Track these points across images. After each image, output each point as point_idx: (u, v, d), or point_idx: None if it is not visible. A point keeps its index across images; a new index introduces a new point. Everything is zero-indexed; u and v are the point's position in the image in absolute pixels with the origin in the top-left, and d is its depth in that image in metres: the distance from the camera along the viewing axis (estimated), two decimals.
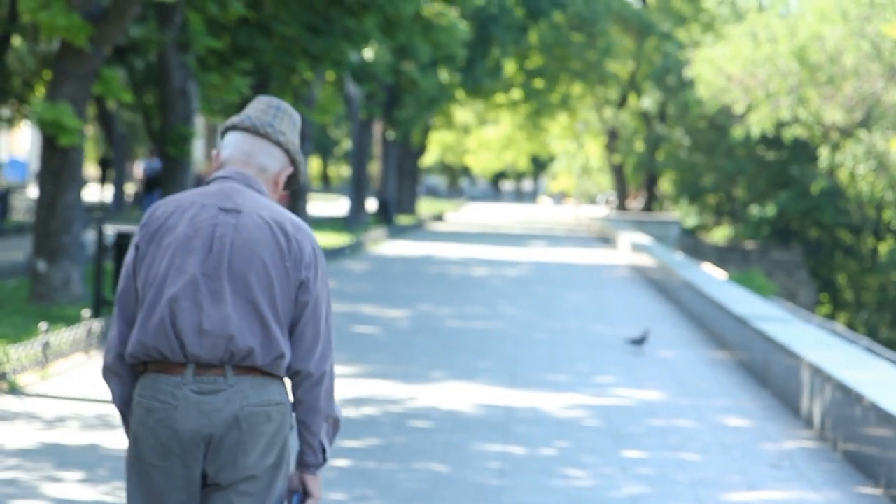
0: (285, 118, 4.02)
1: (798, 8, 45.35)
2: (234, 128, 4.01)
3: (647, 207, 65.36)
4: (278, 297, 3.83)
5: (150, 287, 3.84)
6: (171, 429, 3.78)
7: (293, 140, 4.03)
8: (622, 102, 66.55)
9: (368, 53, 35.28)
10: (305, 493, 3.95)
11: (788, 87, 40.64)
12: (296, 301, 3.86)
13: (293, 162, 4.04)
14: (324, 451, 3.94)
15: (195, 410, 3.78)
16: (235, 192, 3.90)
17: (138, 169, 26.43)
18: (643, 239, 35.30)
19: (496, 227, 53.20)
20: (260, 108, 4.01)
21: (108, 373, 3.95)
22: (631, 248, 32.28)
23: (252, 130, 3.98)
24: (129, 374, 3.93)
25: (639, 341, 14.88)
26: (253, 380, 3.81)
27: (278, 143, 3.99)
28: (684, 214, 60.75)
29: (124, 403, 3.95)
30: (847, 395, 9.32)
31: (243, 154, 3.98)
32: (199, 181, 29.15)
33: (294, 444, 4.06)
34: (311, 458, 3.94)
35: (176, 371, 3.80)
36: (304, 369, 3.87)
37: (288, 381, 3.97)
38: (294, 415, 3.95)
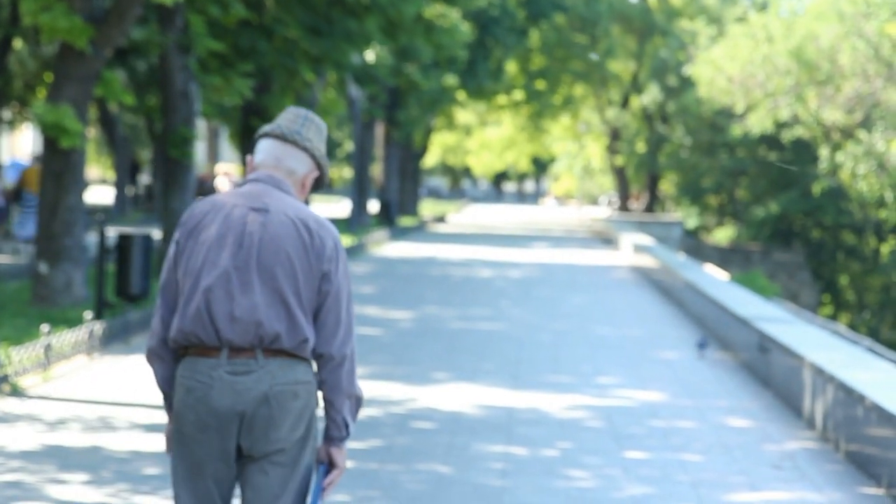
0: (312, 126, 4.46)
1: (797, 7, 45.41)
2: (266, 135, 4.46)
3: (649, 208, 65.36)
4: (302, 287, 4.27)
5: (188, 278, 4.29)
6: (207, 406, 4.23)
7: (318, 146, 4.47)
8: (624, 103, 66.57)
9: (370, 55, 35.28)
10: (331, 464, 4.38)
11: (787, 87, 40.66)
12: (319, 290, 4.30)
13: (319, 166, 4.48)
14: (347, 426, 4.37)
15: (229, 389, 4.22)
16: (265, 192, 4.35)
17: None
18: (645, 240, 35.30)
19: (498, 229, 53.20)
20: (289, 117, 4.47)
21: (151, 356, 4.40)
22: (633, 250, 32.28)
23: (282, 137, 4.43)
24: (171, 357, 4.37)
25: (703, 346, 15.04)
26: (281, 361, 4.25)
27: (305, 149, 4.44)
28: (686, 215, 60.75)
29: (167, 384, 4.41)
30: (849, 396, 9.32)
31: (274, 159, 4.43)
32: (201, 184, 29.12)
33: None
34: (335, 433, 4.37)
35: (212, 354, 4.25)
36: (328, 352, 4.30)
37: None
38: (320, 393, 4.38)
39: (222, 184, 25.23)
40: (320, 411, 4.40)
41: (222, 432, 4.24)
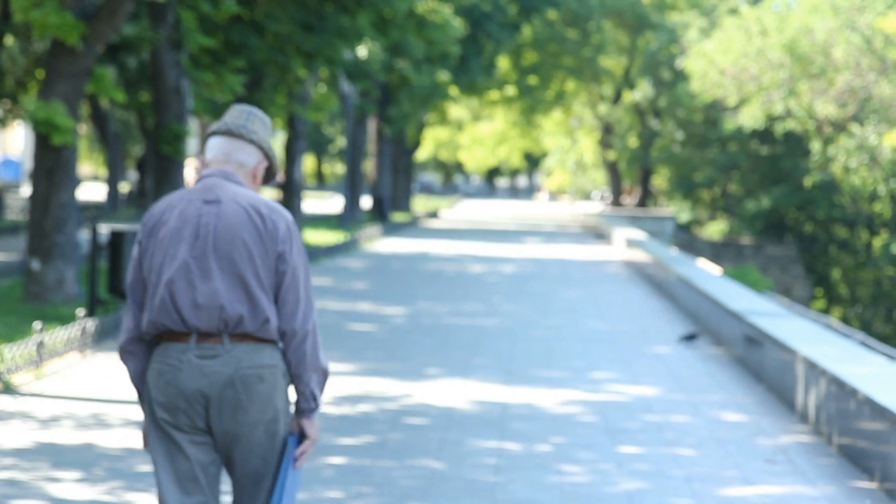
0: (256, 120, 4.69)
1: (790, 0, 45.41)
2: (214, 133, 4.70)
3: (642, 203, 65.39)
4: (260, 269, 4.49)
5: (152, 274, 4.52)
6: (176, 388, 4.45)
7: (265, 138, 4.69)
8: (616, 98, 66.58)
9: (362, 51, 35.27)
10: (302, 436, 4.58)
11: (780, 81, 40.67)
12: (276, 271, 4.51)
13: (267, 157, 4.71)
14: (315, 398, 4.57)
15: (197, 372, 4.44)
16: (216, 185, 4.58)
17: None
18: (638, 235, 35.32)
19: (491, 224, 53.20)
20: (234, 114, 4.70)
21: (124, 353, 4.62)
22: (626, 244, 32.30)
23: (228, 133, 4.66)
24: (143, 353, 4.60)
25: (691, 337, 15.28)
26: (247, 346, 4.47)
27: (252, 142, 4.66)
28: (679, 210, 60.78)
29: (139, 380, 4.62)
30: (842, 390, 9.33)
31: (223, 154, 4.66)
32: None
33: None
34: (304, 405, 4.57)
35: (182, 339, 4.48)
36: (291, 329, 4.51)
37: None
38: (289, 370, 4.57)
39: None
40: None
41: (190, 413, 4.45)
